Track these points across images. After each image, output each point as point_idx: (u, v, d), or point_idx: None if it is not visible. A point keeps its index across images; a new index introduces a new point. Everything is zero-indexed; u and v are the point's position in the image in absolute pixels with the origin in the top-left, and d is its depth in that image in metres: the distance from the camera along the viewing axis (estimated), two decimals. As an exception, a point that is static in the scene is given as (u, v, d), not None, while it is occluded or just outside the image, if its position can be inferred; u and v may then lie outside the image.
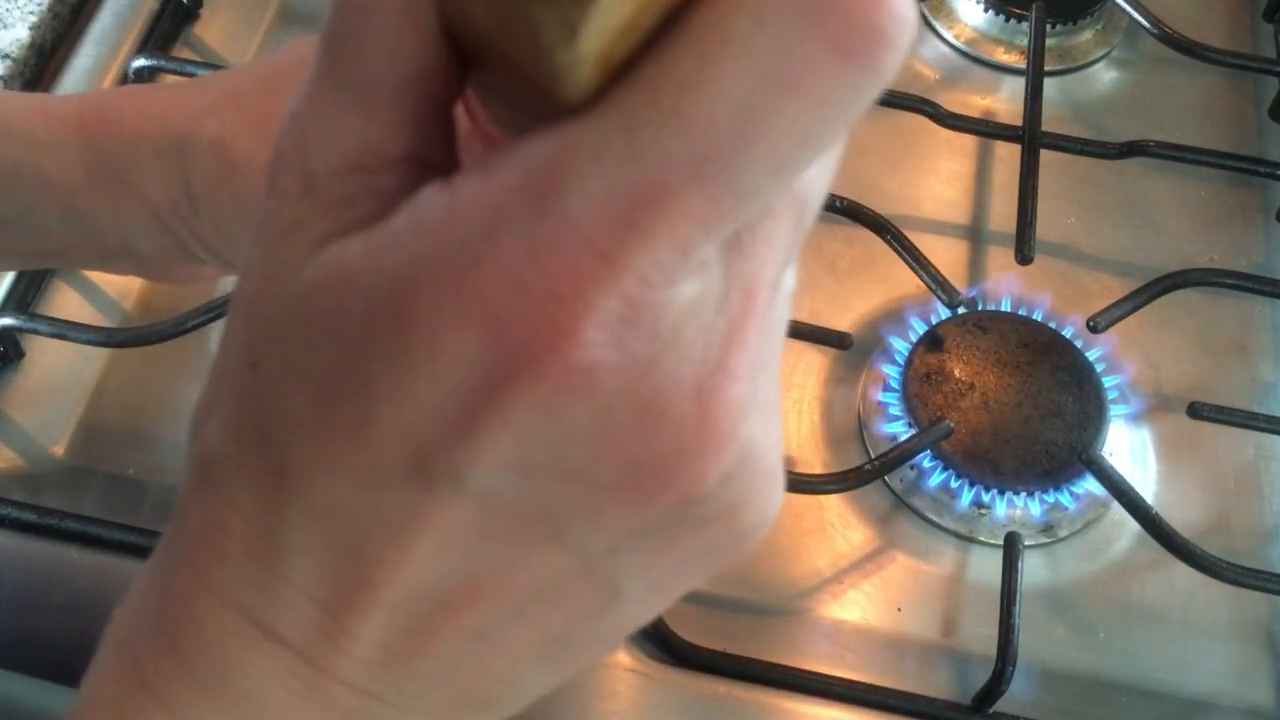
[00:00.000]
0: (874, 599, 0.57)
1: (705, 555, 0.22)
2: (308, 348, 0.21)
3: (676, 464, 0.20)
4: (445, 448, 0.20)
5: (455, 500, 0.20)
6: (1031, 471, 0.59)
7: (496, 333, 0.19)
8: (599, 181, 0.19)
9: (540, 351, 0.19)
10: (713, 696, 0.54)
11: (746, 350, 0.20)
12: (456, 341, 0.19)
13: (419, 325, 0.19)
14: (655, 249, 0.19)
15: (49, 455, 0.59)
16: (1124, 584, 0.59)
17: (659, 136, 0.18)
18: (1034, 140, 0.69)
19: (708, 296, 0.20)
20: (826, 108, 0.19)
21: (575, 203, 0.19)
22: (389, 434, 0.20)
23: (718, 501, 0.21)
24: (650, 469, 0.20)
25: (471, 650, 0.23)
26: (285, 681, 0.22)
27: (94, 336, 0.60)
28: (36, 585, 0.54)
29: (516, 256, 0.19)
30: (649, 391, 0.20)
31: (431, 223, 0.20)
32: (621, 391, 0.19)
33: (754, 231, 0.20)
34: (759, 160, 0.19)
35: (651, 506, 0.21)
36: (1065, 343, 0.63)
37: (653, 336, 0.19)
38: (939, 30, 0.78)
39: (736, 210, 0.19)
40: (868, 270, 0.67)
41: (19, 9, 0.69)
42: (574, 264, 0.19)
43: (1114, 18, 0.79)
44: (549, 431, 0.20)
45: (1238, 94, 0.77)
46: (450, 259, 0.19)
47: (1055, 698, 0.56)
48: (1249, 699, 0.56)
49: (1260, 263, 0.70)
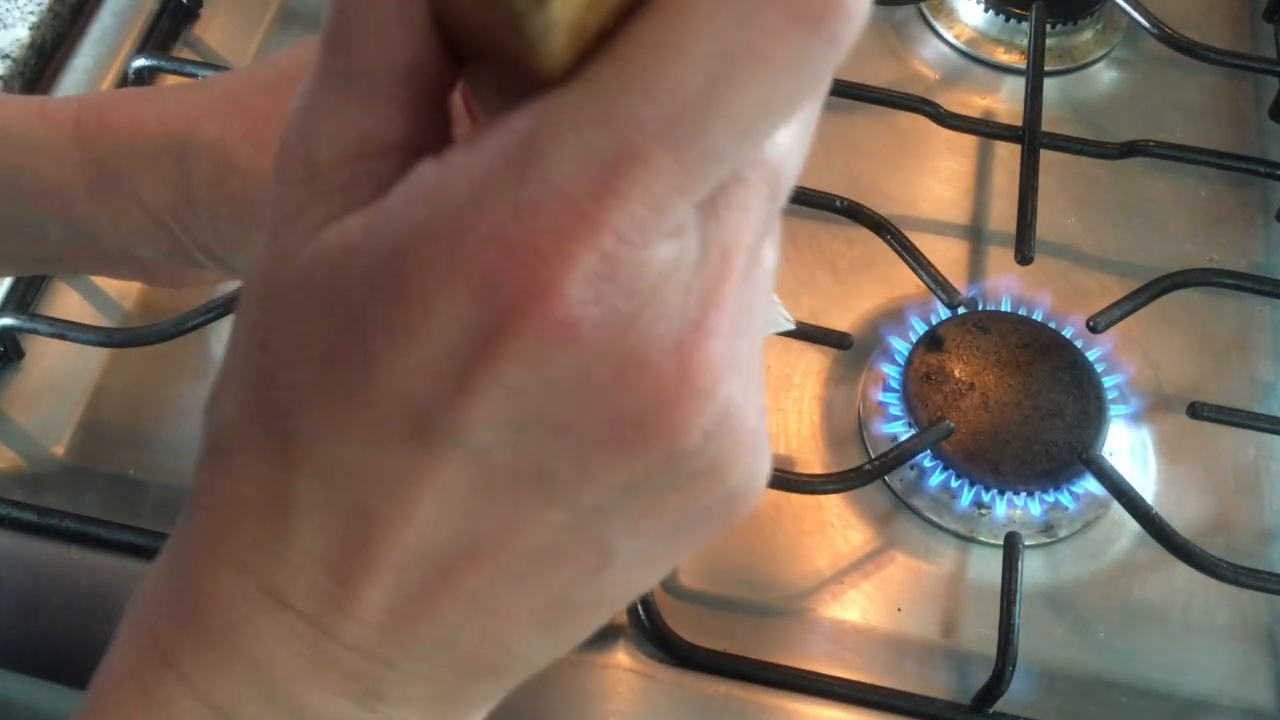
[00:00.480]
0: (874, 599, 0.57)
1: (696, 519, 0.23)
2: (311, 319, 0.22)
3: (658, 416, 0.21)
4: (442, 407, 0.21)
5: (453, 458, 0.21)
6: (1031, 471, 0.59)
7: (485, 291, 0.20)
8: (576, 145, 0.20)
9: (526, 305, 0.20)
10: (713, 696, 0.54)
11: (724, 311, 0.21)
12: (448, 302, 0.20)
13: (413, 288, 0.20)
14: (631, 208, 0.20)
15: (49, 455, 0.59)
16: (1124, 584, 0.59)
17: (631, 102, 0.19)
18: (1034, 140, 0.69)
19: (685, 258, 0.21)
20: (787, 74, 0.20)
21: (554, 165, 0.20)
22: (387, 395, 0.21)
23: (701, 456, 0.22)
24: (633, 421, 0.21)
25: (473, 613, 0.23)
26: (294, 647, 0.23)
27: (94, 336, 0.60)
28: (36, 585, 0.54)
29: (501, 218, 0.20)
30: (630, 346, 0.21)
31: (422, 193, 0.21)
32: (603, 345, 0.20)
33: (729, 199, 0.21)
34: (724, 124, 0.20)
35: (636, 459, 0.21)
36: (1065, 343, 0.63)
37: (632, 293, 0.20)
38: (939, 30, 0.78)
39: (706, 172, 0.20)
40: (868, 270, 0.67)
41: (19, 9, 0.69)
42: (555, 222, 0.20)
43: (1114, 18, 0.79)
44: (537, 385, 0.20)
45: (1238, 94, 0.77)
46: (440, 225, 0.20)
47: (1055, 698, 0.56)
48: (1249, 699, 0.56)
49: (1260, 263, 0.70)
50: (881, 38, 0.78)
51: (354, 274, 0.21)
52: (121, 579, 0.54)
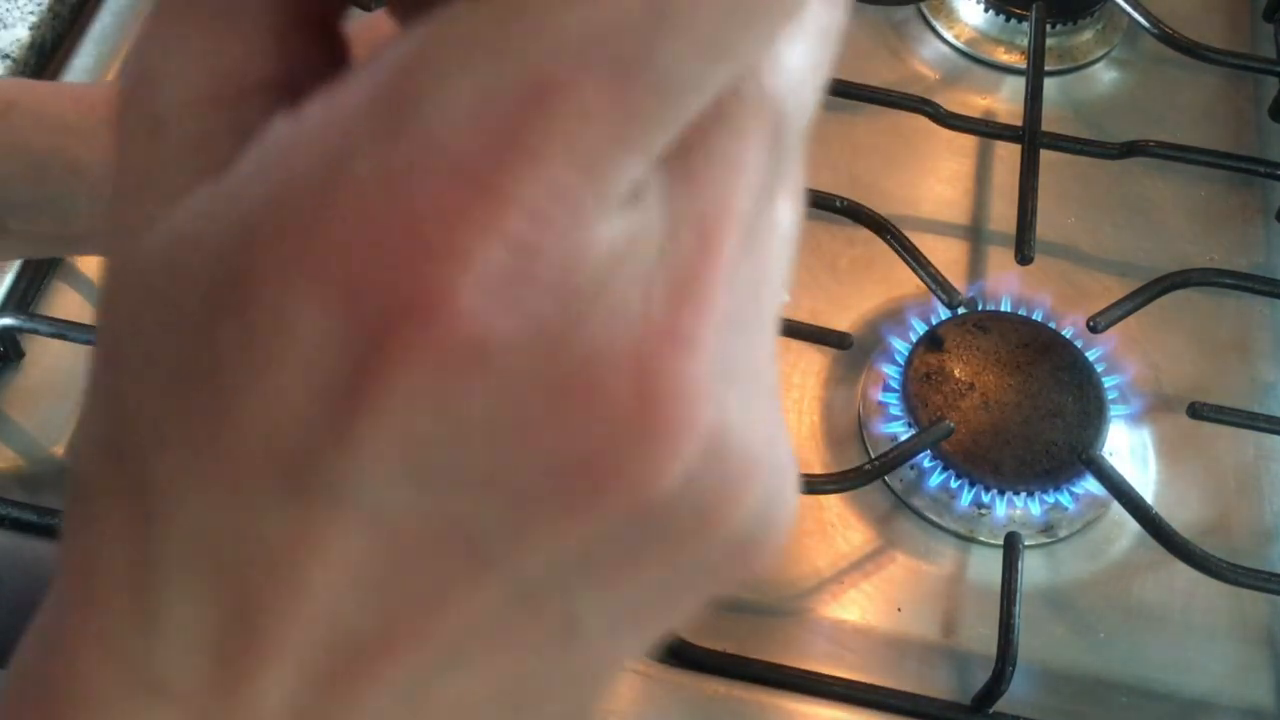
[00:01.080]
0: (874, 599, 0.57)
1: (692, 576, 0.18)
2: (155, 331, 0.16)
3: (615, 461, 0.16)
4: (317, 454, 0.15)
5: (343, 519, 0.16)
6: (1031, 471, 0.59)
7: (349, 301, 0.15)
8: (466, 82, 0.14)
9: (407, 321, 0.15)
10: (713, 696, 0.54)
11: (706, 307, 0.16)
12: (305, 314, 0.15)
13: (261, 295, 0.15)
14: (550, 170, 0.14)
15: (49, 455, 0.59)
16: (1124, 584, 0.59)
17: (544, 13, 0.14)
18: (1034, 140, 0.69)
19: (644, 237, 0.15)
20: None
21: (436, 113, 0.14)
22: (250, 436, 0.16)
23: (683, 504, 0.16)
24: (579, 468, 0.16)
25: (405, 704, 0.18)
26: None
27: (94, 336, 0.59)
28: (36, 585, 0.54)
29: (365, 194, 0.14)
30: (566, 368, 0.15)
31: (271, 159, 0.15)
32: (527, 370, 0.15)
33: (708, 150, 0.16)
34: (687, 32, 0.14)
35: (588, 518, 0.16)
36: (1065, 343, 0.63)
37: (564, 293, 0.15)
38: (939, 30, 0.78)
39: (664, 111, 0.14)
40: (868, 270, 0.67)
41: (19, 9, 0.69)
42: (439, 198, 0.14)
43: (1114, 18, 0.79)
44: (439, 427, 0.15)
45: (1238, 94, 0.77)
46: (291, 206, 0.15)
47: (1055, 698, 0.56)
48: (1249, 699, 0.56)
49: (1260, 263, 0.70)
50: (881, 38, 0.78)
51: (196, 272, 0.16)
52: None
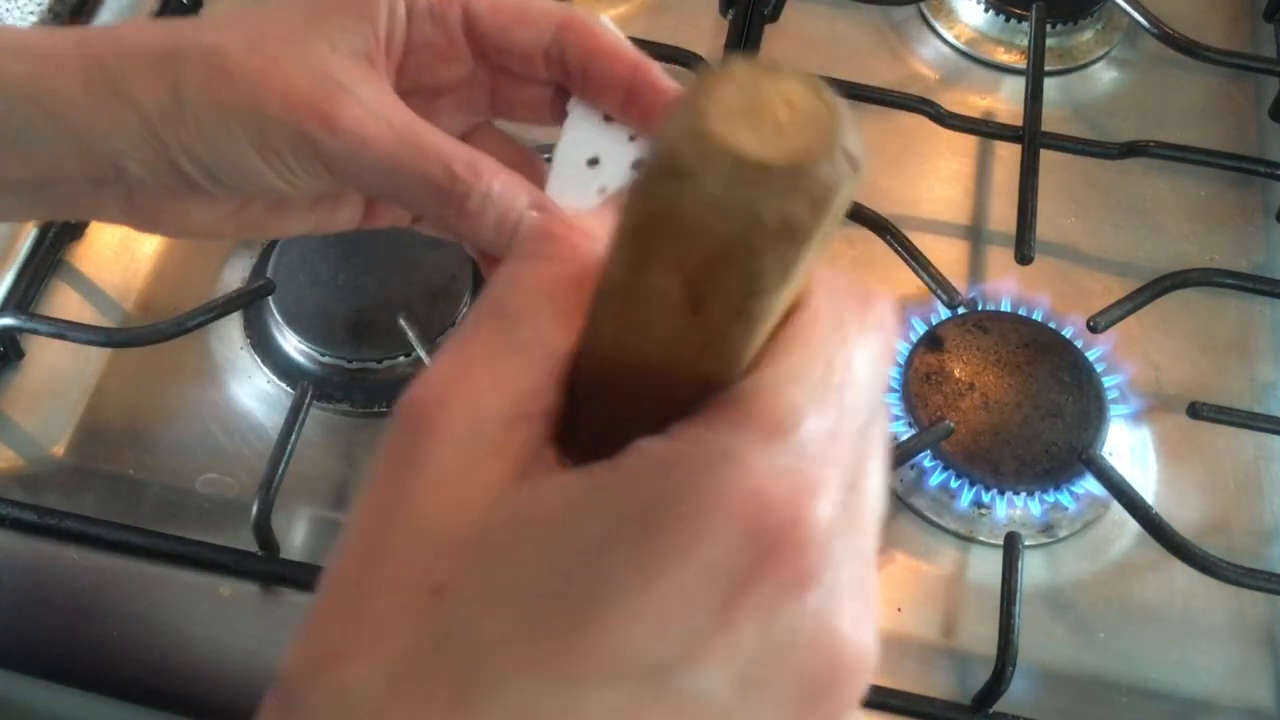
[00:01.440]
0: (874, 599, 0.57)
1: None
2: (520, 565, 0.23)
3: (831, 687, 0.24)
4: (685, 656, 0.22)
5: (666, 706, 0.22)
6: (1031, 471, 0.59)
7: (748, 538, 0.22)
8: (822, 424, 0.23)
9: (782, 552, 0.22)
10: (713, 696, 0.54)
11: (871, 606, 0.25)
12: (713, 547, 0.22)
13: (677, 537, 0.22)
14: (844, 474, 0.24)
15: (49, 455, 0.59)
16: (1124, 584, 0.59)
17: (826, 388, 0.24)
18: (1034, 140, 0.69)
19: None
20: (880, 352, 0.26)
21: (809, 437, 0.23)
22: (619, 636, 0.22)
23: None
24: (812, 689, 0.23)
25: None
26: None
27: (94, 336, 0.60)
28: (36, 585, 0.54)
29: (764, 477, 0.22)
30: (826, 612, 0.23)
31: (668, 460, 0.23)
32: (819, 606, 0.23)
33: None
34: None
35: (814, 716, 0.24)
36: (1065, 343, 0.63)
37: (830, 558, 0.23)
38: (939, 30, 0.78)
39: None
40: (868, 270, 0.67)
41: (19, 9, 0.69)
42: (811, 486, 0.23)
43: (1114, 18, 0.79)
44: (766, 637, 0.23)
45: (1238, 94, 0.77)
46: (699, 483, 0.23)
47: (1055, 698, 0.56)
48: (1249, 699, 0.56)
49: (1260, 263, 0.70)
50: (881, 38, 0.78)
51: (584, 526, 0.23)
52: (121, 579, 0.54)
